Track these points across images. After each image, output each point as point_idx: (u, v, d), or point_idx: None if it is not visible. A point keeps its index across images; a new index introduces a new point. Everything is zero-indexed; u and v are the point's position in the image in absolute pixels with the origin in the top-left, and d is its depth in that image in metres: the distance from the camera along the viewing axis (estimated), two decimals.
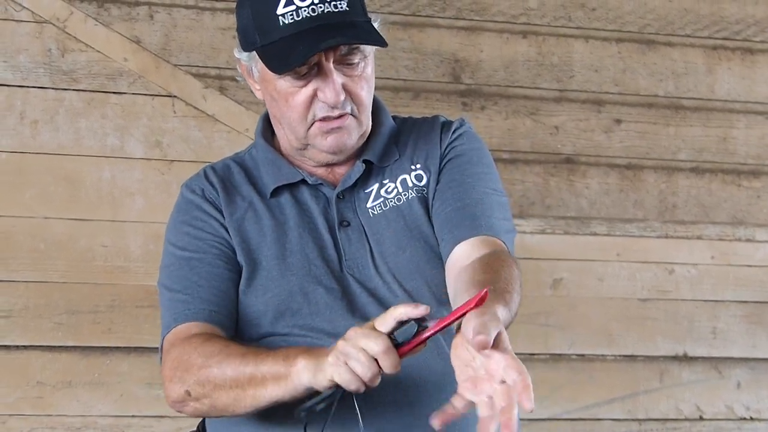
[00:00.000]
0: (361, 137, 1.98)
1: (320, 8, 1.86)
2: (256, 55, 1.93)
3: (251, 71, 1.97)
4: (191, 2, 3.43)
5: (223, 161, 2.08)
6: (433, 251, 1.95)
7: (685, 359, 3.73)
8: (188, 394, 1.83)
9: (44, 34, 3.32)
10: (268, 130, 2.07)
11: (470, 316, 1.51)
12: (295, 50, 1.85)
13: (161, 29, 3.41)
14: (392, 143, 2.03)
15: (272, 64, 1.89)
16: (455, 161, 2.00)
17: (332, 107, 1.90)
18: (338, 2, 1.87)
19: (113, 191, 3.33)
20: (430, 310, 1.63)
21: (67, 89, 3.33)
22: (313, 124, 1.92)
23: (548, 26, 3.71)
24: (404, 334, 1.65)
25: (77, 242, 3.29)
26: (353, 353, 1.63)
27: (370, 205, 1.97)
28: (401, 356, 1.64)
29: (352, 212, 1.96)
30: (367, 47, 1.91)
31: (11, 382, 3.24)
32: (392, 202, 1.97)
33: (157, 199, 3.33)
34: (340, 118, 1.92)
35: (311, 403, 1.70)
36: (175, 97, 3.39)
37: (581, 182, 3.70)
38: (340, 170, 2.00)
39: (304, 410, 1.70)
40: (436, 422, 1.51)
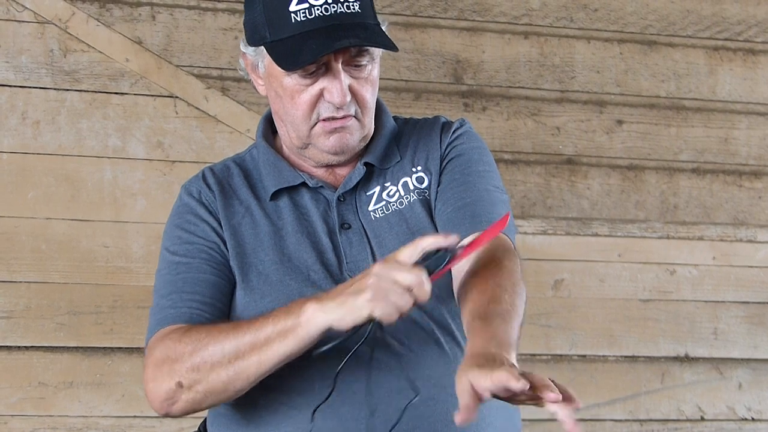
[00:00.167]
0: (363, 140, 1.97)
1: (333, 8, 1.86)
2: (264, 50, 1.92)
3: (257, 66, 1.96)
4: (193, 3, 3.43)
5: (223, 162, 2.07)
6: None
7: (686, 360, 3.73)
8: (180, 385, 1.81)
9: (46, 34, 3.32)
10: (269, 131, 2.06)
11: (503, 377, 1.48)
12: (306, 48, 1.85)
13: (163, 30, 3.41)
14: (393, 145, 2.03)
15: (282, 60, 1.88)
16: (455, 161, 1.99)
17: (337, 108, 1.90)
18: (351, 3, 1.87)
19: (115, 192, 3.33)
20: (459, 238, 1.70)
21: (68, 90, 3.33)
22: (316, 123, 1.92)
23: (550, 27, 3.71)
24: (435, 262, 1.69)
25: (79, 243, 3.29)
26: (391, 287, 1.65)
27: (372, 208, 1.96)
28: None
29: (353, 215, 1.96)
30: (375, 50, 1.91)
31: (13, 382, 3.24)
32: (394, 205, 1.97)
33: (158, 199, 3.33)
34: (343, 118, 1.92)
35: (332, 344, 1.70)
36: (176, 97, 3.39)
37: (583, 183, 3.70)
38: (341, 172, 2.00)
39: (322, 348, 1.70)
40: (458, 419, 1.50)
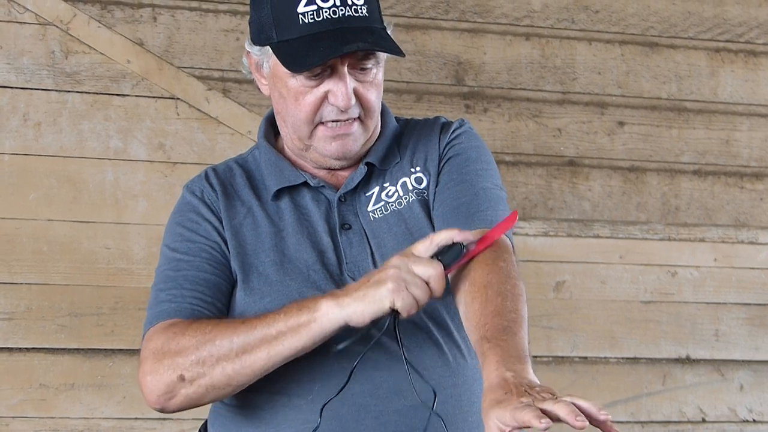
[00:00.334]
0: (366, 143, 1.97)
1: (341, 11, 1.85)
2: (269, 50, 1.91)
3: (261, 65, 1.96)
4: (194, 4, 3.43)
5: (225, 163, 2.07)
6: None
7: (687, 362, 3.73)
8: (182, 378, 1.81)
9: (47, 36, 3.32)
10: (270, 131, 2.06)
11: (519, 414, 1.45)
12: (314, 51, 1.84)
13: (164, 31, 3.41)
14: (394, 146, 2.03)
15: (289, 62, 1.88)
16: (454, 161, 1.99)
17: (341, 111, 1.90)
18: (359, 7, 1.87)
19: (116, 193, 3.33)
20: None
21: (70, 91, 3.33)
22: (318, 125, 1.92)
23: (551, 28, 3.71)
24: (450, 256, 1.73)
25: (80, 244, 3.29)
26: (411, 279, 1.69)
27: (371, 208, 1.96)
28: None
29: (353, 215, 1.96)
30: (381, 54, 1.91)
31: (14, 384, 3.24)
32: (393, 206, 1.97)
33: (160, 201, 3.33)
34: (347, 123, 1.92)
35: (355, 337, 1.72)
36: (178, 99, 3.39)
37: (584, 185, 3.70)
38: (342, 172, 2.00)
39: (344, 344, 1.73)
40: None
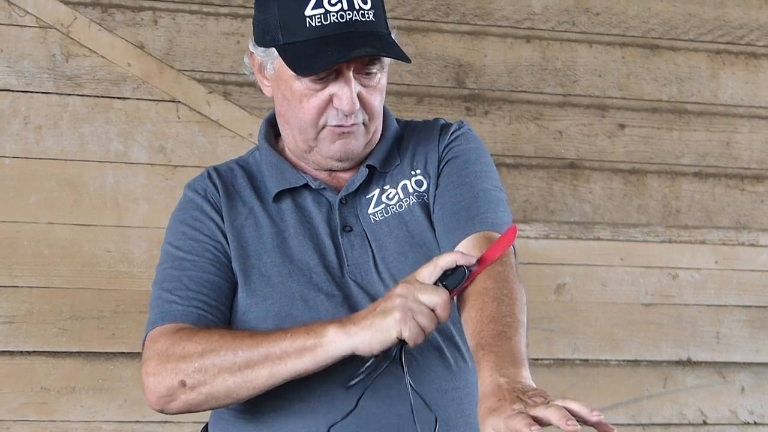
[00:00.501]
0: (367, 146, 1.98)
1: (348, 15, 1.86)
2: (275, 51, 1.91)
3: (265, 67, 1.96)
4: (195, 7, 3.43)
5: (226, 164, 2.07)
6: (435, 256, 1.95)
7: (688, 364, 3.73)
8: (183, 384, 1.81)
9: (48, 39, 3.32)
10: (271, 133, 2.07)
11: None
12: (321, 54, 1.85)
13: (165, 34, 3.41)
14: (395, 148, 2.03)
15: (295, 65, 1.88)
16: (453, 163, 2.00)
17: (345, 115, 1.90)
18: (366, 12, 1.87)
19: (117, 196, 3.33)
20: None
21: (71, 94, 3.33)
22: (323, 128, 1.92)
23: (552, 31, 3.71)
24: (455, 280, 1.73)
25: (81, 248, 3.29)
26: (417, 308, 1.69)
27: (371, 211, 1.97)
28: None
29: (354, 218, 1.96)
30: (386, 59, 1.92)
31: (15, 387, 3.24)
32: (394, 208, 1.97)
33: (161, 204, 3.33)
34: (351, 126, 1.92)
35: (363, 371, 1.71)
36: (178, 102, 3.40)
37: (585, 187, 3.70)
38: (343, 174, 2.00)
39: (355, 380, 1.72)
40: None
